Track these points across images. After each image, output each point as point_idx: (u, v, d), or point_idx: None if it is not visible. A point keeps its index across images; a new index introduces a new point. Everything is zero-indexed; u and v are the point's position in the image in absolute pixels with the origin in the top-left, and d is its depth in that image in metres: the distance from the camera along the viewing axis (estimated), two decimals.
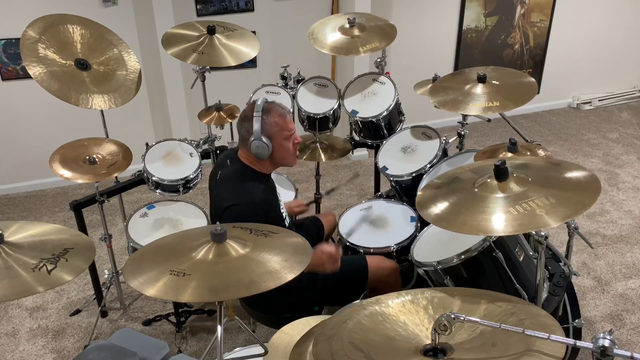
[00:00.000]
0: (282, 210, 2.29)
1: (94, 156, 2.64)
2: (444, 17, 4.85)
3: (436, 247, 2.12)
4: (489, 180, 1.62)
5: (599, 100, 5.60)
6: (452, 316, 1.24)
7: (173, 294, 1.37)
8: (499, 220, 1.48)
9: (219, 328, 1.49)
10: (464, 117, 2.76)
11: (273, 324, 2.37)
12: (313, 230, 2.65)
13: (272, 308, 2.28)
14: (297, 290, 2.19)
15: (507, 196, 1.54)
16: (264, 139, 2.10)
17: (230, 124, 3.03)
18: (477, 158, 2.35)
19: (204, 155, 2.92)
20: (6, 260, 1.40)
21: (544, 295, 2.02)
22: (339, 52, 2.94)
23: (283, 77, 3.13)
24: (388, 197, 2.87)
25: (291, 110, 3.01)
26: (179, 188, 2.71)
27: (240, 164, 2.21)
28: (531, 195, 1.51)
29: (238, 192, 2.11)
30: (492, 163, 1.61)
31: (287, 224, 2.32)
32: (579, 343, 1.17)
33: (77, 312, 3.06)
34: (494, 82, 2.50)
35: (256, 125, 2.10)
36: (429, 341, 1.29)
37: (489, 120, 2.86)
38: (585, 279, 3.15)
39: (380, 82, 3.02)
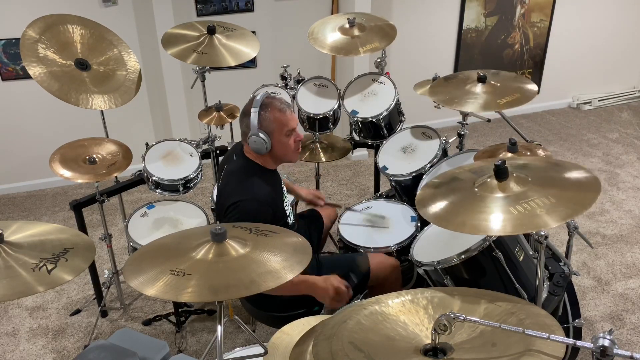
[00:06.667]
0: (285, 207, 2.29)
1: (94, 156, 2.64)
2: (444, 17, 4.85)
3: (436, 246, 2.12)
4: (488, 180, 1.62)
5: (599, 100, 5.60)
6: (452, 316, 1.24)
7: (173, 293, 1.37)
8: (499, 220, 1.48)
9: (219, 328, 1.49)
10: (464, 117, 2.76)
11: (273, 323, 2.37)
12: (312, 223, 2.65)
13: (273, 305, 2.27)
14: None
15: (507, 196, 1.54)
16: (261, 135, 2.09)
17: (231, 124, 3.02)
18: (477, 158, 2.35)
19: (204, 155, 2.93)
20: (6, 260, 1.39)
21: (544, 295, 2.02)
22: (339, 52, 2.94)
23: (283, 77, 3.13)
24: (388, 197, 2.87)
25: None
26: (179, 188, 2.72)
27: (244, 160, 2.20)
28: (531, 195, 1.51)
29: (243, 189, 2.10)
30: (492, 163, 1.61)
31: (290, 221, 2.32)
32: (579, 343, 1.17)
33: (77, 312, 3.06)
34: (493, 82, 2.50)
35: (254, 121, 2.08)
36: (429, 341, 1.28)
37: (489, 120, 2.87)
38: (585, 279, 3.15)
39: (380, 82, 3.02)
